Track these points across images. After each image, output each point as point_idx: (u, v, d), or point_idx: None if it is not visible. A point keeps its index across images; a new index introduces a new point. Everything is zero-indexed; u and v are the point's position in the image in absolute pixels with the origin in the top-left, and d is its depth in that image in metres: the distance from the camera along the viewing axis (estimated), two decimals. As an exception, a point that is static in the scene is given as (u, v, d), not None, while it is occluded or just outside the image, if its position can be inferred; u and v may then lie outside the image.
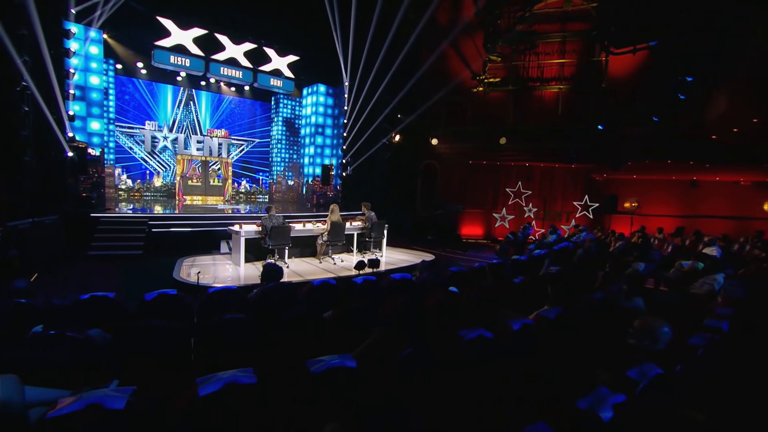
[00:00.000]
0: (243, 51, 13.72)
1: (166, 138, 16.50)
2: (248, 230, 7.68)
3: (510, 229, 14.05)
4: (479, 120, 13.92)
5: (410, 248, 11.16)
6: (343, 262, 8.55)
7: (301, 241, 8.58)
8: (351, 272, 7.56)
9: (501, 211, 14.64)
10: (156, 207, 13.57)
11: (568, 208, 13.44)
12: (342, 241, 8.73)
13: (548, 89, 13.20)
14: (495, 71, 13.61)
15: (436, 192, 14.75)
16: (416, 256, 10.00)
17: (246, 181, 19.02)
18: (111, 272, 7.34)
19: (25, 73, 8.16)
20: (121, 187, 15.39)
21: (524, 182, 14.11)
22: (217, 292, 3.33)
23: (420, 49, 13.73)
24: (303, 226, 8.62)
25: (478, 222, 14.97)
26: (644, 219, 11.28)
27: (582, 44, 12.51)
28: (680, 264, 5.90)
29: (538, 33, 12.96)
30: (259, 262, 7.93)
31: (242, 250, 7.57)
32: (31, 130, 8.52)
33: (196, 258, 8.42)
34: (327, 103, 16.94)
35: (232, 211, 13.75)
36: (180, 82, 15.72)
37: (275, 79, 14.84)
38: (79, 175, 10.54)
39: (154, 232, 9.59)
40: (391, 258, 9.45)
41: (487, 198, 14.71)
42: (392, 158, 14.98)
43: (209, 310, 3.22)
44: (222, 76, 13.71)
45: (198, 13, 12.18)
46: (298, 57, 15.02)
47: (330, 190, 16.08)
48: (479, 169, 14.34)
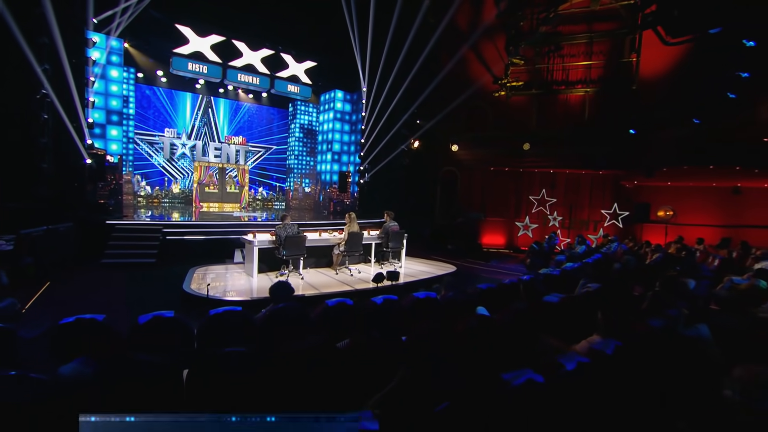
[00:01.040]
0: (260, 57, 13.75)
1: (185, 145, 16.59)
2: (262, 240, 7.39)
3: (533, 238, 13.44)
4: (501, 125, 13.48)
5: (429, 258, 10.77)
6: (360, 273, 8.18)
7: (316, 250, 8.26)
8: (368, 285, 7.22)
9: (524, 220, 14.06)
10: (173, 214, 13.53)
11: (596, 216, 12.76)
12: (360, 252, 8.38)
13: (574, 92, 12.64)
14: (517, 75, 13.17)
15: (456, 199, 14.31)
16: (436, 267, 9.58)
17: (263, 188, 19.01)
18: (121, 281, 7.16)
19: (45, 81, 8.15)
20: (140, 194, 15.50)
21: (548, 189, 13.50)
22: (220, 315, 2.98)
23: (439, 54, 13.45)
24: (319, 236, 8.31)
25: (499, 231, 14.41)
26: (680, 228, 10.53)
27: (610, 45, 11.92)
28: (731, 280, 5.29)
29: (563, 34, 12.44)
30: (272, 273, 7.65)
31: (255, 260, 7.29)
32: (50, 138, 8.50)
33: (209, 267, 8.21)
34: (344, 109, 16.84)
35: (248, 218, 13.63)
36: (198, 89, 15.87)
37: (292, 86, 14.80)
38: (98, 182, 10.57)
39: (168, 239, 9.46)
40: (411, 269, 9.03)
41: (509, 206, 14.15)
42: (411, 165, 14.60)
43: (211, 334, 2.87)
44: (239, 83, 13.70)
45: (216, 20, 12.20)
46: (316, 63, 15.03)
47: (347, 198, 15.93)
48: (501, 176, 13.82)
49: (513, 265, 11.23)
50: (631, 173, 11.49)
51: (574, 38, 12.35)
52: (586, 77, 12.36)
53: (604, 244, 9.90)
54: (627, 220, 12.10)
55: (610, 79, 11.92)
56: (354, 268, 8.42)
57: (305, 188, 18.99)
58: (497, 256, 12.82)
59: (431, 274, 8.65)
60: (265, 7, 12.18)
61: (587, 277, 5.46)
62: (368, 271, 8.42)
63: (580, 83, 12.47)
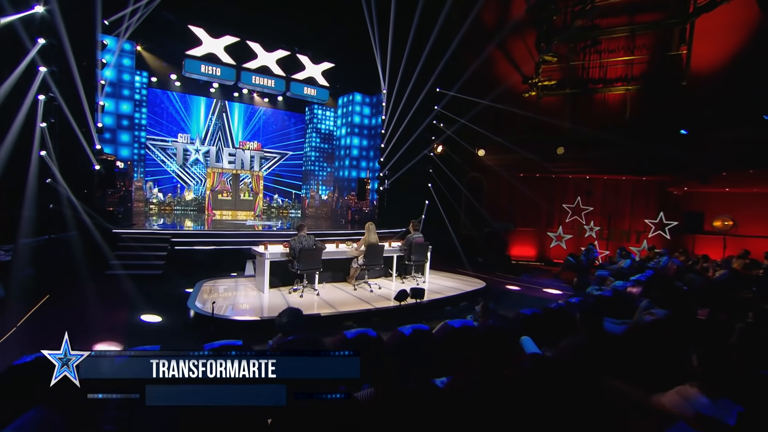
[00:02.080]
0: (275, 59, 13.61)
1: (198, 151, 16.54)
2: (274, 252, 7.02)
3: (568, 250, 12.80)
4: (531, 128, 12.93)
5: (455, 272, 10.30)
6: (380, 289, 7.72)
7: (333, 263, 7.84)
8: (390, 303, 6.77)
9: (557, 230, 13.43)
10: (185, 222, 13.49)
11: (638, 226, 11.98)
12: (380, 265, 7.91)
13: (613, 91, 11.97)
14: (549, 73, 12.67)
15: (483, 208, 13.78)
16: (463, 281, 9.05)
17: (278, 195, 18.85)
18: (123, 295, 6.90)
19: (51, 84, 8.04)
20: (152, 201, 15.49)
21: (584, 197, 12.84)
22: (217, 349, 2.53)
23: (464, 53, 13.08)
24: (336, 247, 7.91)
25: (530, 242, 13.83)
26: (741, 241, 9.64)
27: (655, 38, 11.20)
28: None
29: (601, 27, 11.81)
30: (285, 288, 7.27)
31: (267, 274, 6.91)
32: (57, 143, 8.36)
33: (217, 281, 7.93)
34: (363, 112, 16.57)
35: (262, 227, 13.42)
36: (213, 93, 15.86)
37: (309, 88, 14.63)
38: (107, 188, 10.48)
39: (177, 249, 9.27)
40: (436, 284, 8.52)
41: (541, 215, 13.55)
42: (434, 171, 14.15)
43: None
44: (254, 86, 13.59)
45: (230, 21, 12.08)
46: (333, 64, 14.79)
47: (366, 206, 15.61)
48: (531, 183, 13.24)
49: (546, 280, 10.64)
50: (681, 178, 10.73)
51: (613, 32, 11.71)
52: (627, 74, 11.67)
53: (651, 257, 9.16)
54: (675, 231, 11.26)
55: (655, 75, 11.19)
56: (374, 282, 7.97)
57: (322, 195, 18.79)
58: (528, 270, 12.25)
59: (458, 290, 8.14)
60: (281, 6, 11.99)
61: (645, 298, 4.81)
62: (389, 287, 7.99)
63: (619, 81, 11.80)
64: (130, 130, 11.40)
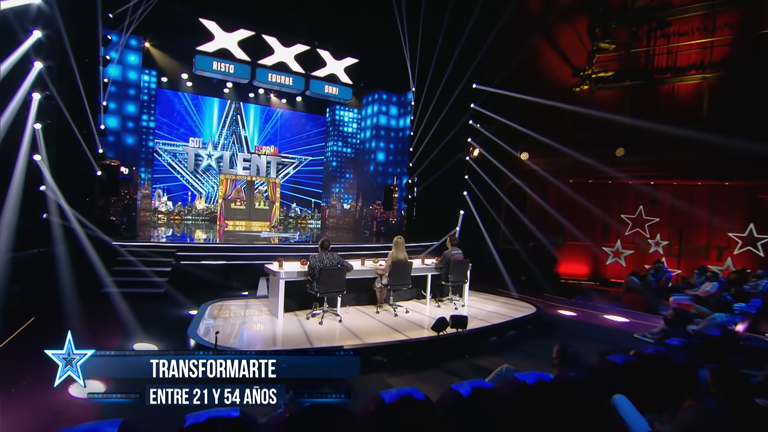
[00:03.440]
0: (294, 54, 13.42)
1: (210, 156, 16.55)
2: (290, 270, 6.49)
3: (628, 268, 11.88)
4: (583, 127, 12.18)
5: (495, 292, 9.67)
6: (408, 313, 7.12)
7: (357, 284, 7.25)
8: (424, 331, 6.19)
9: (614, 245, 12.53)
10: (195, 232, 13.40)
11: (719, 241, 10.87)
12: (407, 285, 7.28)
13: (685, 80, 11.02)
14: (605, 63, 11.88)
15: (526, 219, 13.09)
16: (509, 305, 8.34)
17: (296, 204, 18.76)
18: (117, 319, 6.49)
19: (48, 81, 7.82)
20: (161, 210, 15.50)
21: (647, 206, 11.93)
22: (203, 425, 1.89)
23: (505, 44, 12.50)
24: (362, 264, 7.34)
25: (581, 258, 13.03)
26: None
27: (741, 15, 10.19)
28: None
29: (672, 6, 10.91)
30: (302, 312, 6.73)
31: (281, 296, 6.37)
32: (54, 146, 8.13)
33: (225, 302, 7.51)
34: (390, 112, 16.45)
35: (278, 240, 13.17)
36: (226, 94, 15.86)
37: (330, 86, 14.37)
38: (109, 196, 10.33)
39: (182, 265, 8.96)
40: (477, 309, 7.84)
41: (594, 227, 12.71)
42: (470, 177, 13.58)
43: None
44: (270, 84, 13.42)
45: (244, 13, 11.96)
46: (357, 59, 14.57)
47: (393, 216, 15.41)
48: (583, 190, 12.40)
49: (605, 304, 9.81)
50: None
51: (686, 10, 10.79)
52: (704, 60, 10.70)
53: (743, 279, 8.07)
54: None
55: (741, 59, 10.17)
56: (403, 305, 7.35)
57: (344, 205, 18.65)
58: (580, 291, 11.39)
59: (504, 315, 7.44)
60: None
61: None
62: (422, 311, 7.40)
63: (694, 68, 10.86)
64: (136, 133, 11.27)
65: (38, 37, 7.29)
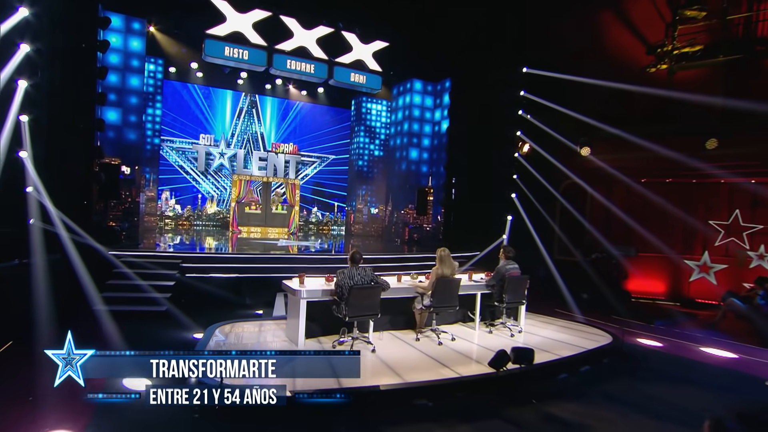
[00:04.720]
0: (315, 38, 13.33)
1: (223, 155, 16.64)
2: (313, 289, 5.95)
3: (720, 286, 10.95)
4: (659, 115, 11.58)
5: (554, 314, 9.04)
6: (454, 341, 6.52)
7: (391, 303, 6.63)
8: (472, 364, 5.65)
9: (700, 257, 11.60)
10: (206, 240, 13.41)
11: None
12: (454, 307, 6.66)
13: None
14: (692, 36, 11.18)
15: (588, 226, 12.49)
16: (575, 332, 7.61)
17: (317, 208, 18.78)
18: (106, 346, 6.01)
19: (37, 67, 7.61)
20: (168, 214, 15.65)
21: (746, 210, 11.00)
22: None
23: (560, 20, 12.25)
24: (398, 281, 6.77)
25: (658, 273, 12.19)
26: None
27: None
28: None
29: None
30: (328, 339, 6.16)
31: (302, 320, 5.84)
32: (43, 142, 7.91)
33: (236, 324, 7.04)
34: (425, 104, 16.32)
35: (297, 249, 13.03)
36: (240, 86, 15.95)
37: (357, 74, 14.22)
38: (109, 199, 10.24)
39: (187, 278, 8.81)
40: (536, 336, 7.20)
41: (675, 236, 11.86)
42: (519, 177, 13.25)
43: None
44: (289, 72, 13.34)
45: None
46: (387, 43, 14.41)
47: (427, 222, 15.32)
48: (659, 191, 11.66)
49: (697, 331, 8.79)
50: None
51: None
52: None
53: None
54: None
55: None
56: (448, 331, 6.77)
57: (371, 209, 18.57)
58: (659, 312, 10.64)
59: (572, 346, 6.66)
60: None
61: None
62: (470, 337, 6.83)
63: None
64: (139, 128, 11.20)
65: (25, 15, 7.12)
